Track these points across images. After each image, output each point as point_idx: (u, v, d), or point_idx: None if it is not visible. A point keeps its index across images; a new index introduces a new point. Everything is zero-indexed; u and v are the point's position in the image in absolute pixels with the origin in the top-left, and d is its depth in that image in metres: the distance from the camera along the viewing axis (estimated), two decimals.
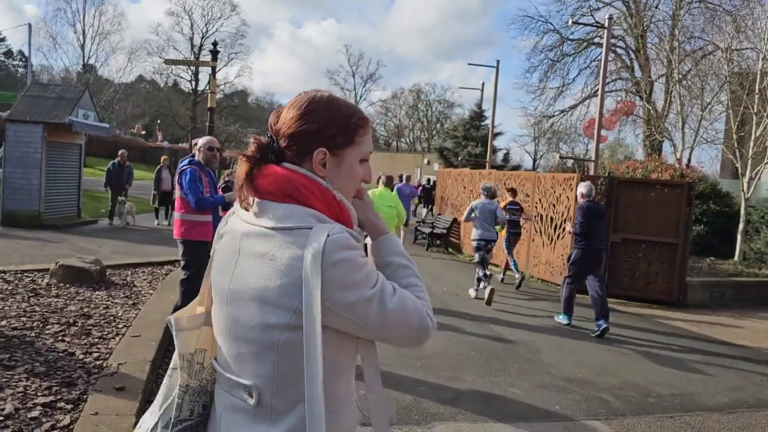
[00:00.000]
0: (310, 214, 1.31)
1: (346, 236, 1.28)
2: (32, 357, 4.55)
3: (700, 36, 20.91)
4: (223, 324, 1.39)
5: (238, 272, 1.34)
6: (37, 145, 12.80)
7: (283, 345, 1.27)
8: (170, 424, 1.44)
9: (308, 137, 1.36)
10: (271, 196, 1.34)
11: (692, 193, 10.62)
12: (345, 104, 1.42)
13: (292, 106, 1.40)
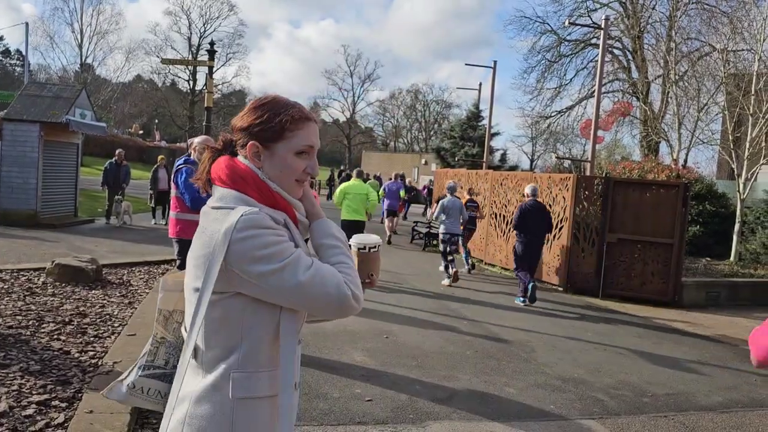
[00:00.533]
0: (239, 198, 1.54)
1: (260, 217, 1.47)
2: (27, 355, 4.55)
3: (696, 37, 20.95)
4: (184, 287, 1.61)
5: (193, 243, 1.57)
6: (34, 144, 12.79)
7: (208, 305, 1.47)
8: (143, 366, 1.71)
9: (244, 132, 1.60)
10: (218, 181, 1.59)
11: (688, 194, 10.65)
12: (280, 103, 1.61)
13: (245, 108, 1.63)
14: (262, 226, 1.47)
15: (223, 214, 1.50)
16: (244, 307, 1.50)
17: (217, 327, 1.51)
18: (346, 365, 5.54)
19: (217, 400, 1.49)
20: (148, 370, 1.73)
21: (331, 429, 4.18)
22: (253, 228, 1.45)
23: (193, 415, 1.50)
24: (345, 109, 73.90)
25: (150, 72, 58.22)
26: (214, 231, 1.48)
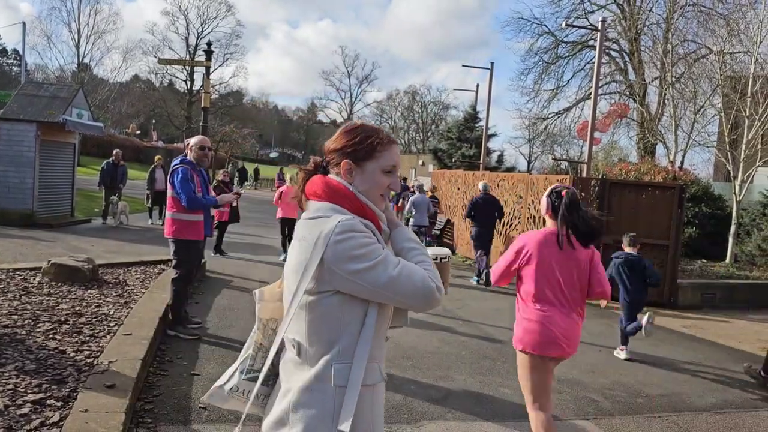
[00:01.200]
0: (333, 208, 1.77)
1: (354, 222, 1.70)
2: (22, 354, 4.55)
3: (693, 39, 21.03)
4: (285, 294, 1.85)
5: (290, 253, 1.83)
6: (31, 144, 12.77)
7: (309, 305, 1.72)
8: (245, 370, 1.92)
9: (338, 153, 1.83)
10: (313, 196, 1.82)
11: (684, 196, 10.68)
12: (370, 128, 1.87)
13: (339, 132, 1.89)
14: (356, 230, 1.70)
15: (320, 221, 1.73)
16: (342, 304, 1.71)
17: (318, 324, 1.72)
18: None
19: (321, 389, 1.70)
20: (248, 374, 1.92)
21: None
22: (350, 231, 1.68)
23: (298, 403, 1.72)
24: (342, 110, 74.11)
25: (147, 72, 58.30)
26: (314, 237, 1.70)
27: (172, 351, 5.48)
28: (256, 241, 13.58)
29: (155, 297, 6.78)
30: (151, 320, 5.76)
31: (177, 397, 4.41)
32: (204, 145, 6.19)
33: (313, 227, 1.73)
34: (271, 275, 9.70)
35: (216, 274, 9.22)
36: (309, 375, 1.71)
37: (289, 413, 1.73)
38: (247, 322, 6.69)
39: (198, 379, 4.82)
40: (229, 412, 4.23)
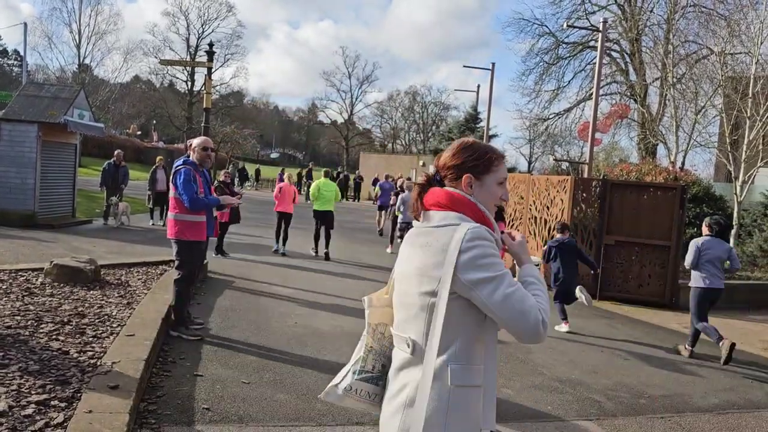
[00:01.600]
0: (459, 217, 1.89)
1: (482, 231, 1.83)
2: (26, 355, 4.55)
3: (694, 40, 21.03)
4: (396, 298, 2.00)
5: (408, 259, 1.96)
6: (32, 145, 12.78)
7: (431, 306, 1.82)
8: (357, 371, 2.05)
9: (458, 168, 1.98)
10: (436, 207, 1.94)
11: (685, 196, 10.69)
12: (483, 145, 2.04)
13: (449, 149, 2.04)
14: (485, 238, 1.83)
15: (449, 229, 1.86)
16: (461, 309, 1.83)
17: (438, 325, 1.82)
18: (344, 366, 5.54)
19: (437, 386, 1.80)
20: (361, 375, 2.05)
21: (329, 429, 4.20)
22: (479, 239, 1.81)
23: (414, 399, 1.82)
24: (343, 111, 74.00)
25: (148, 73, 58.26)
26: (444, 243, 1.83)
27: (174, 352, 5.49)
28: (257, 242, 13.58)
29: (157, 298, 6.79)
30: (153, 321, 5.76)
31: (180, 398, 4.42)
32: (207, 146, 6.20)
33: (442, 234, 1.86)
34: (274, 276, 9.71)
35: (217, 275, 9.22)
36: (425, 373, 1.82)
37: (404, 408, 1.85)
38: (249, 323, 6.69)
39: (201, 380, 4.82)
40: (233, 414, 4.24)
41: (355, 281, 10.06)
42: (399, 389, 1.90)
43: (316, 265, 11.31)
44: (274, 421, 4.21)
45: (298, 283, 9.29)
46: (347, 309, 7.88)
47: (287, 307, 7.71)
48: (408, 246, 1.99)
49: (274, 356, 5.64)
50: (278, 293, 8.45)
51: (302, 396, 4.71)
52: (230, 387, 4.73)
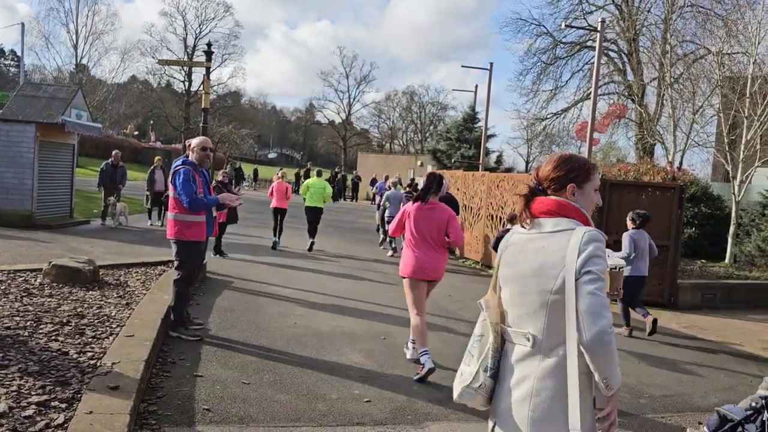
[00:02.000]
0: (572, 222, 2.12)
1: (597, 233, 2.06)
2: (26, 356, 4.54)
3: (691, 40, 21.04)
4: (510, 298, 2.19)
5: (523, 262, 2.14)
6: (30, 145, 12.75)
7: (551, 304, 2.03)
8: (487, 368, 2.20)
9: (561, 179, 2.20)
10: (545, 214, 2.16)
11: (683, 196, 10.69)
12: (580, 157, 2.30)
13: (549, 162, 2.26)
14: (599, 240, 2.05)
15: (566, 233, 2.08)
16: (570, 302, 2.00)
17: (556, 320, 2.03)
18: (344, 366, 5.54)
19: (561, 375, 2.01)
20: (490, 372, 2.20)
21: (330, 430, 4.19)
22: (595, 241, 2.04)
23: (539, 388, 2.03)
24: (341, 111, 73.93)
25: (145, 73, 58.03)
26: (561, 245, 2.05)
27: (174, 352, 5.47)
28: (256, 242, 13.57)
29: (156, 298, 6.77)
30: (153, 321, 5.75)
31: (180, 399, 4.41)
32: (206, 146, 6.19)
33: (558, 238, 2.08)
34: (273, 276, 9.70)
35: (216, 275, 9.20)
36: (547, 363, 2.04)
37: (531, 397, 2.04)
38: (248, 323, 6.68)
39: (201, 381, 4.81)
40: (234, 414, 4.23)
41: (353, 281, 10.05)
42: (520, 380, 2.10)
43: (315, 266, 11.30)
44: (275, 421, 4.20)
45: (298, 284, 9.28)
46: (347, 309, 7.88)
47: (286, 307, 7.70)
48: (518, 251, 2.19)
49: (274, 356, 5.63)
50: (277, 293, 8.44)
51: (302, 396, 4.70)
52: (230, 387, 4.72)
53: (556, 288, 2.01)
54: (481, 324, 2.28)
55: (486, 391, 2.21)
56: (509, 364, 2.15)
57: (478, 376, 2.21)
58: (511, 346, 2.17)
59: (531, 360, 2.08)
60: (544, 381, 2.03)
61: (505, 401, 2.13)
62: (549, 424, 2.01)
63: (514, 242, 2.23)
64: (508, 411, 2.11)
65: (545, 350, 2.05)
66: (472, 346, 2.28)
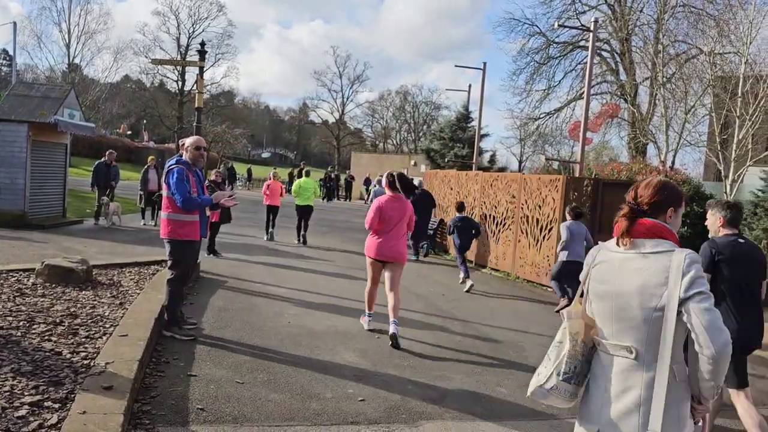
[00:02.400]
0: (670, 243, 2.28)
1: (696, 255, 2.23)
2: (18, 356, 4.52)
3: (684, 40, 21.14)
4: (609, 312, 2.35)
5: (623, 280, 2.30)
6: (22, 145, 12.69)
7: (653, 320, 2.21)
8: (560, 373, 2.38)
9: (661, 203, 2.40)
10: (643, 235, 2.32)
11: None
12: (674, 184, 2.51)
13: (648, 187, 2.44)
14: (699, 261, 2.22)
15: (666, 255, 2.25)
16: (679, 319, 2.16)
17: (657, 334, 2.20)
18: (338, 365, 5.55)
19: (668, 384, 2.18)
20: (564, 376, 2.38)
21: (324, 429, 4.19)
22: (696, 263, 2.20)
23: (646, 398, 2.20)
24: (334, 110, 73.92)
25: (138, 72, 57.89)
26: (664, 266, 2.22)
27: (168, 352, 5.46)
28: (249, 242, 13.55)
29: (150, 298, 6.76)
30: (146, 321, 5.74)
31: (174, 398, 4.40)
32: (200, 146, 6.18)
33: (659, 258, 2.25)
34: (267, 275, 9.70)
35: (210, 275, 9.19)
36: (652, 374, 2.21)
37: (639, 405, 2.22)
38: (242, 323, 6.68)
39: (195, 380, 4.80)
40: (228, 414, 4.23)
41: (348, 281, 10.06)
42: (624, 390, 2.27)
43: (309, 265, 11.30)
44: (269, 421, 4.21)
45: (292, 283, 9.27)
46: (341, 309, 7.88)
47: (280, 306, 7.70)
48: (614, 268, 2.35)
49: (268, 356, 5.63)
50: (271, 293, 8.43)
51: (296, 396, 4.70)
52: (224, 387, 4.72)
53: (659, 305, 2.19)
54: (562, 332, 2.47)
55: (559, 394, 2.41)
56: (606, 374, 2.34)
57: (551, 379, 2.41)
58: (608, 357, 2.34)
59: (634, 371, 2.26)
60: (651, 390, 2.21)
61: (607, 411, 2.31)
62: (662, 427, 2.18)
63: (606, 260, 2.41)
64: (616, 420, 2.28)
65: (648, 362, 2.23)
66: (551, 350, 2.48)
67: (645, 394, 2.20)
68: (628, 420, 2.24)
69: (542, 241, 11.35)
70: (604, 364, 2.36)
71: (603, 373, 2.35)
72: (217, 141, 42.40)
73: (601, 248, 2.46)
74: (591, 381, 2.40)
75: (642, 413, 2.20)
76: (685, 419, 2.26)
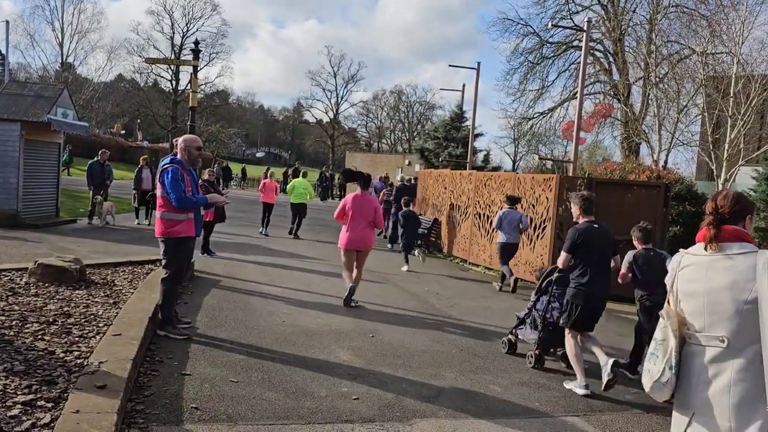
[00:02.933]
0: (752, 246, 2.58)
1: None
2: (11, 356, 4.51)
3: (676, 40, 21.23)
4: (700, 308, 2.62)
5: (714, 278, 2.59)
6: (15, 144, 12.63)
7: (744, 312, 2.47)
8: (672, 366, 2.63)
9: (740, 211, 2.70)
10: (728, 240, 2.61)
11: (669, 194, 10.81)
12: (745, 195, 2.82)
13: (726, 198, 2.74)
14: None
15: (752, 255, 2.53)
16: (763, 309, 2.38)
17: (747, 324, 2.46)
18: (332, 364, 5.56)
19: (754, 368, 2.43)
20: (674, 369, 2.63)
21: (319, 427, 4.20)
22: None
23: (737, 379, 2.48)
24: (328, 110, 73.82)
25: (132, 71, 57.76)
26: (751, 264, 2.50)
27: (162, 351, 5.46)
28: (244, 241, 13.54)
29: (144, 297, 6.74)
30: (140, 320, 5.73)
31: (168, 397, 4.40)
32: (199, 146, 6.18)
33: (745, 258, 2.54)
34: (261, 275, 9.69)
35: (204, 274, 9.18)
36: (742, 359, 2.47)
37: (730, 388, 2.49)
38: (237, 322, 6.67)
39: (189, 379, 4.80)
40: (222, 412, 4.23)
41: (340, 280, 10.04)
42: (715, 375, 2.54)
43: (304, 264, 11.30)
44: (264, 419, 4.21)
45: (286, 282, 9.27)
46: (334, 307, 7.89)
47: (275, 305, 7.70)
48: (703, 269, 2.65)
49: (262, 355, 5.63)
50: (266, 292, 8.43)
51: (291, 394, 4.71)
52: (219, 386, 4.72)
53: (750, 299, 2.45)
54: (662, 330, 2.73)
55: (671, 385, 2.64)
56: (699, 363, 2.60)
57: (665, 373, 2.66)
58: (700, 348, 2.61)
59: (725, 358, 2.52)
60: (740, 373, 2.47)
61: (700, 395, 2.59)
62: (750, 405, 2.45)
63: (693, 263, 2.72)
64: (708, 402, 2.56)
65: (738, 349, 2.48)
66: (656, 348, 2.73)
67: (735, 377, 2.48)
68: (720, 401, 2.52)
69: (535, 240, 11.37)
70: (696, 354, 2.64)
71: (695, 362, 2.63)
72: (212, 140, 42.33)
73: (684, 254, 2.83)
74: (684, 371, 2.66)
75: (732, 393, 2.48)
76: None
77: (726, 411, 2.50)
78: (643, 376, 2.79)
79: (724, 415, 2.51)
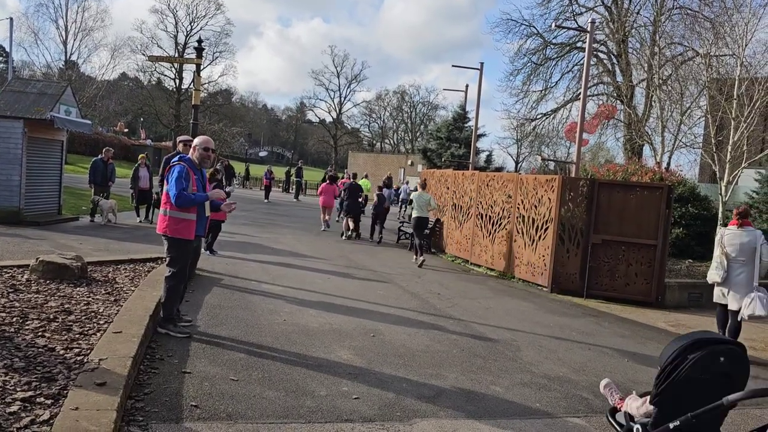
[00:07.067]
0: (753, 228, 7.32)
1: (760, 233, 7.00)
2: (11, 352, 4.50)
3: (680, 42, 21.18)
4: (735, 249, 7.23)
5: (740, 237, 7.21)
6: (18, 141, 12.64)
7: (752, 251, 7.21)
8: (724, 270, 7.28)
9: (747, 215, 7.37)
10: (744, 225, 7.26)
11: (671, 196, 10.77)
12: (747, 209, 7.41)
13: (741, 209, 7.40)
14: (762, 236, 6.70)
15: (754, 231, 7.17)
16: None
17: (751, 255, 7.08)
18: (333, 363, 5.55)
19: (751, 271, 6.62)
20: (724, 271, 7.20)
21: (319, 426, 4.19)
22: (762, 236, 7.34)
23: (744, 275, 7.09)
24: (332, 110, 73.89)
25: (135, 70, 57.81)
26: (755, 235, 7.18)
27: (162, 349, 5.45)
28: (246, 240, 13.54)
29: (145, 295, 6.74)
30: (141, 318, 5.72)
31: (168, 395, 4.39)
32: (208, 146, 6.17)
33: (752, 232, 7.07)
34: (262, 274, 9.69)
35: (206, 273, 9.17)
36: (748, 268, 6.95)
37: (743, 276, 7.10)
38: (237, 321, 6.67)
39: (189, 377, 4.79)
40: (222, 411, 4.22)
41: (342, 279, 10.06)
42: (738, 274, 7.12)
43: (305, 263, 11.29)
44: (264, 418, 4.20)
45: (287, 281, 9.27)
46: (335, 306, 7.88)
47: (275, 304, 7.69)
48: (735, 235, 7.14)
49: (263, 353, 5.62)
50: (267, 291, 8.42)
51: (291, 393, 4.70)
52: (219, 384, 4.71)
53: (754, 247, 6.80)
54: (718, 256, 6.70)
55: (722, 278, 7.09)
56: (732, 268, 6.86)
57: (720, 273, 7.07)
58: (735, 264, 7.11)
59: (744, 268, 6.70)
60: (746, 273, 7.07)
61: (733, 282, 6.97)
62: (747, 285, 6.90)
63: (729, 232, 6.58)
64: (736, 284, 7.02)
65: (746, 264, 6.96)
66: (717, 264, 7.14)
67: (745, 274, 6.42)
68: (740, 283, 6.90)
69: (538, 241, 11.35)
70: (732, 266, 7.02)
71: (732, 267, 7.01)
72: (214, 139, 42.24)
73: (725, 229, 7.08)
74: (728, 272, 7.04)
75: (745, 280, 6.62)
76: None
77: (742, 288, 6.59)
78: (709, 274, 7.02)
79: (741, 290, 6.64)
